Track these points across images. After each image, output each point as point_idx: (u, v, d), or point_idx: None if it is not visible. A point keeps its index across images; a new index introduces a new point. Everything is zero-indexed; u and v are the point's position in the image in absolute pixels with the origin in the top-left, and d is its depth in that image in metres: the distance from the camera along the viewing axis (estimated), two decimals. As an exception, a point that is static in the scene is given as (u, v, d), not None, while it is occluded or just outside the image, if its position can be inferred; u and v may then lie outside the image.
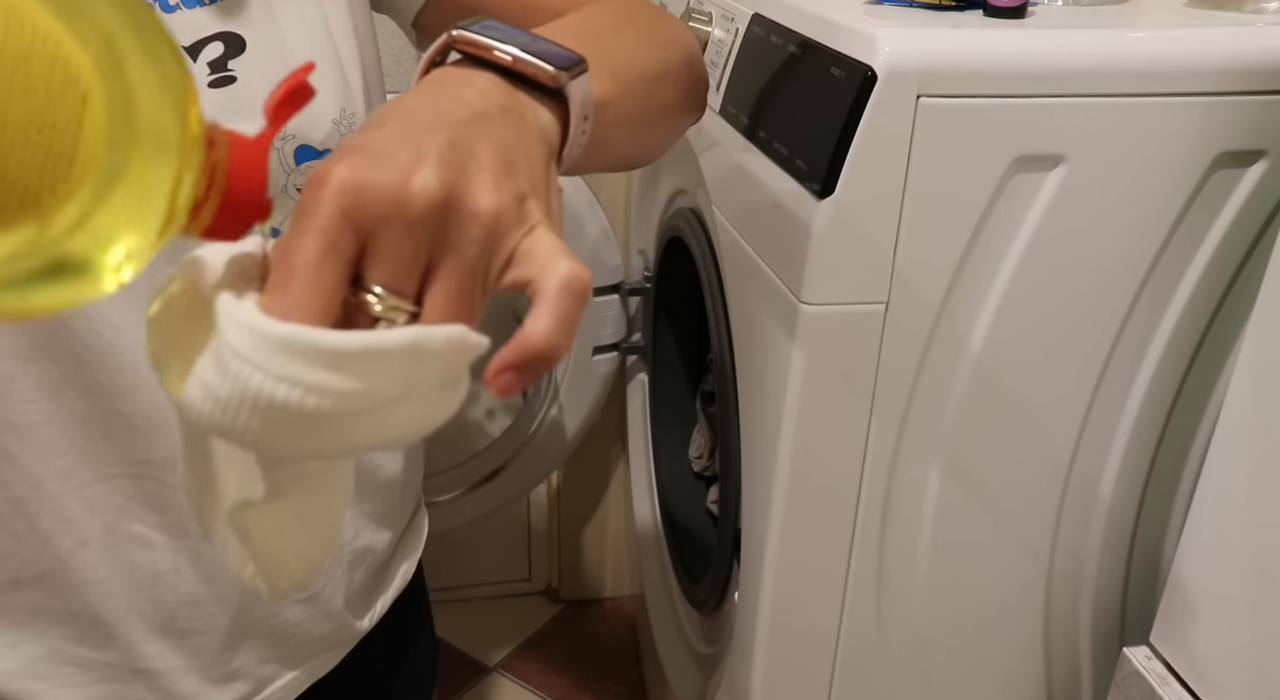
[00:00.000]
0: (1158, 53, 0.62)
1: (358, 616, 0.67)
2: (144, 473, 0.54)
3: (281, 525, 0.34)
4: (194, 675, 0.60)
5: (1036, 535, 0.75)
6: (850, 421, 0.68)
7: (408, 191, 0.30)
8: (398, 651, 0.75)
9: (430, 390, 0.30)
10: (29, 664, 0.57)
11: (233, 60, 0.52)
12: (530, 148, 0.36)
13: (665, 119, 0.56)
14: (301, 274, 0.29)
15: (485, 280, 0.32)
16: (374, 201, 0.30)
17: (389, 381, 0.29)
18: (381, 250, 0.31)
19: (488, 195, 0.32)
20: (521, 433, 1.30)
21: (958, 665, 0.80)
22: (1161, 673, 0.61)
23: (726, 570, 0.89)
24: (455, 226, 0.31)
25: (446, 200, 0.31)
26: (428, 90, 0.36)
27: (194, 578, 0.58)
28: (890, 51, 0.58)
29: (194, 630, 0.59)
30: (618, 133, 0.47)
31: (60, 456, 0.53)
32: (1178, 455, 0.75)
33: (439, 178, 0.31)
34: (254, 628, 0.61)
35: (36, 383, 0.51)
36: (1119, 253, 0.66)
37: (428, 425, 0.31)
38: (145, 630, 0.58)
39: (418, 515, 0.76)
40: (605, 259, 1.21)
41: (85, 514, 0.54)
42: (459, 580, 1.60)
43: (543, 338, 0.31)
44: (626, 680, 1.48)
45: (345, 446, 0.30)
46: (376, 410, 0.29)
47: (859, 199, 0.61)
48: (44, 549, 0.54)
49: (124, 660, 0.58)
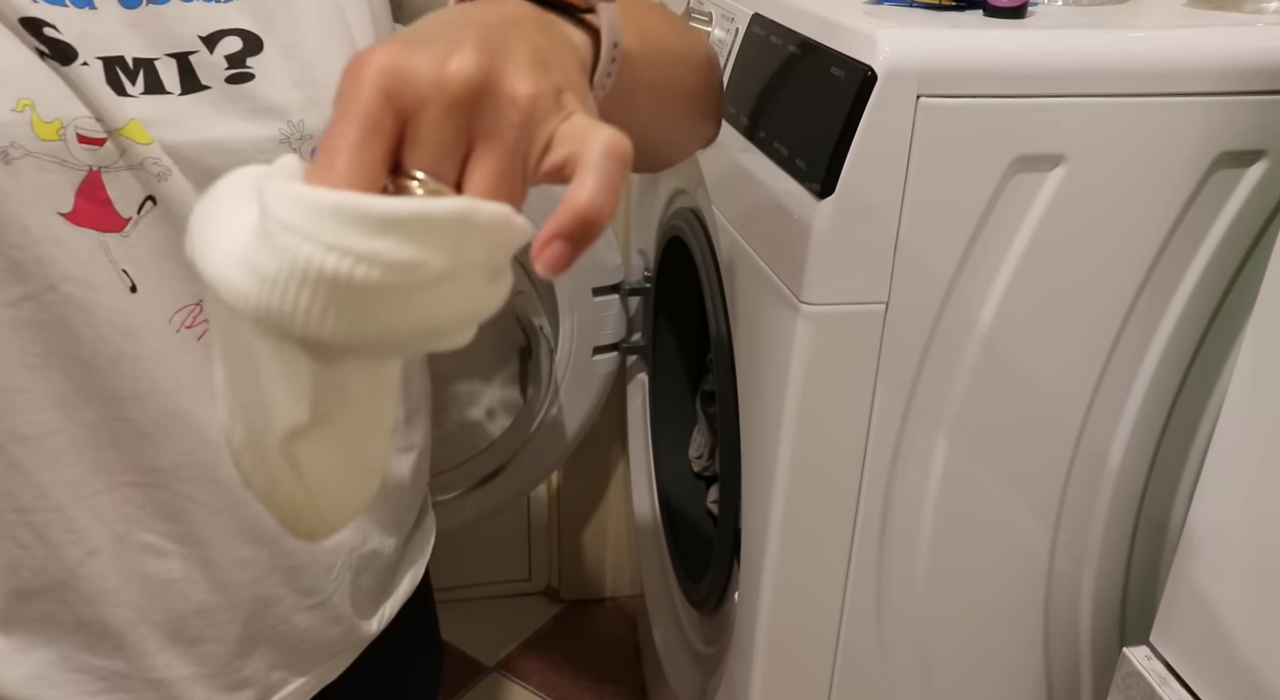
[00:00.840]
0: (1158, 53, 0.62)
1: (366, 620, 0.67)
2: (154, 481, 0.54)
3: (329, 454, 0.33)
4: (204, 683, 0.60)
5: (1036, 535, 0.75)
6: (850, 422, 0.68)
7: (446, 72, 0.31)
8: (406, 658, 0.75)
9: (477, 274, 0.30)
10: (40, 671, 0.56)
11: (251, 58, 0.52)
12: (564, 54, 0.36)
13: (685, 106, 0.56)
14: (345, 153, 0.30)
15: (525, 166, 0.32)
16: (413, 82, 0.31)
17: (438, 253, 0.28)
18: (421, 133, 0.31)
19: (524, 81, 0.32)
20: (521, 433, 1.30)
21: (958, 665, 0.80)
22: (1161, 673, 0.61)
23: (726, 570, 0.89)
24: (493, 111, 0.32)
25: (484, 83, 0.31)
26: (460, 7, 0.37)
27: (205, 586, 0.58)
28: (890, 51, 0.58)
29: (205, 638, 0.59)
30: (642, 94, 0.48)
31: (68, 466, 0.52)
32: (1178, 456, 0.75)
33: (476, 61, 0.31)
34: (264, 634, 0.61)
35: (44, 392, 0.50)
36: (1119, 253, 0.66)
37: (474, 316, 0.31)
38: (156, 639, 0.58)
39: (425, 520, 0.76)
40: (605, 259, 1.21)
41: (94, 523, 0.54)
42: (459, 580, 1.60)
43: (587, 199, 0.31)
44: (626, 680, 1.48)
45: (393, 330, 0.29)
46: (425, 289, 0.29)
47: (859, 199, 0.61)
48: (52, 559, 0.54)
49: (135, 670, 0.58)
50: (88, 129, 0.48)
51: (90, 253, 0.49)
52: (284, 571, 0.59)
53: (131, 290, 0.50)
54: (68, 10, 0.48)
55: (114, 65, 0.49)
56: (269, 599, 0.60)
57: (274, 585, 0.60)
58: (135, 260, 0.50)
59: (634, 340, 1.27)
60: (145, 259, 0.51)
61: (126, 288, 0.50)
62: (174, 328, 0.52)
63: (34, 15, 0.47)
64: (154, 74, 0.50)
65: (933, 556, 0.74)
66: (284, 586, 0.60)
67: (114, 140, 0.49)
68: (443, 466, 1.31)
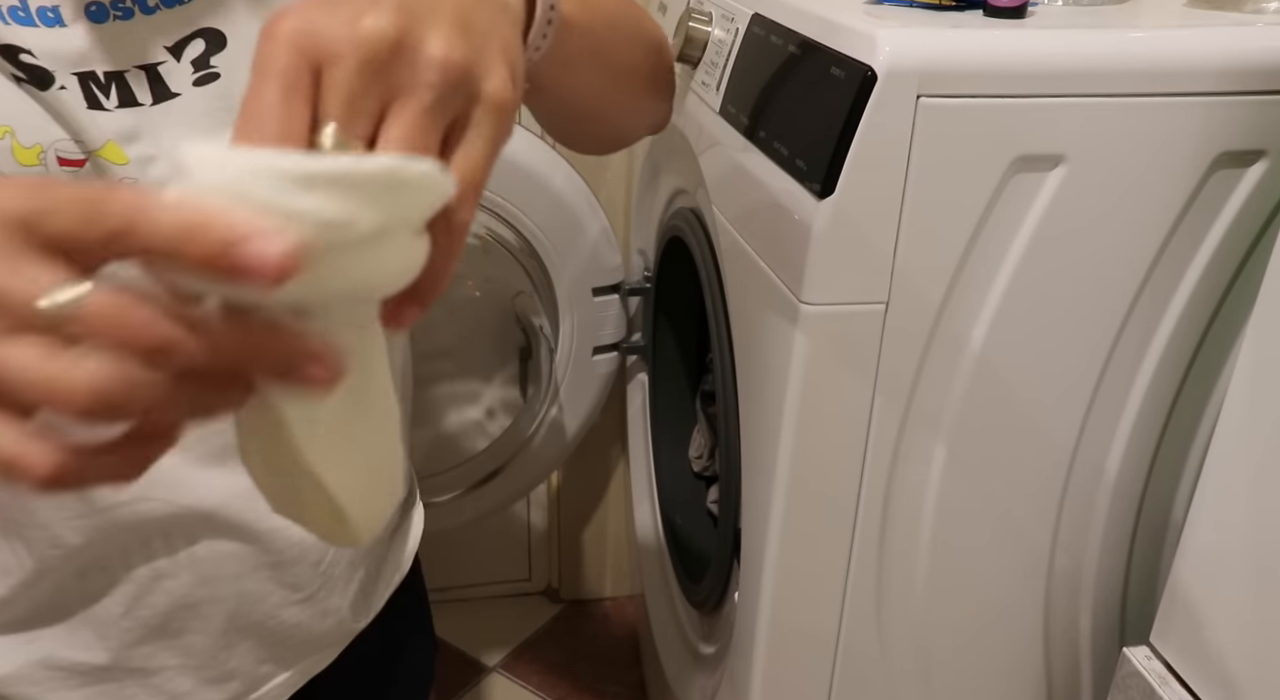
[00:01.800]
0: (1158, 53, 0.62)
1: (355, 613, 0.67)
2: (143, 495, 0.54)
3: (348, 461, 0.34)
4: (189, 674, 0.60)
5: (1036, 535, 0.75)
6: (850, 422, 0.68)
7: (359, 27, 0.31)
8: (394, 648, 0.75)
9: (406, 233, 0.31)
10: (22, 670, 0.56)
11: (215, 56, 0.51)
12: (494, 13, 0.36)
13: (633, 84, 0.57)
14: (266, 116, 0.30)
15: (439, 131, 0.33)
16: (327, 38, 0.31)
17: (368, 210, 0.28)
18: (332, 87, 0.31)
19: (442, 43, 0.32)
20: (521, 433, 1.30)
21: (958, 665, 0.80)
22: (1161, 673, 0.61)
23: (726, 570, 0.89)
24: (409, 69, 0.32)
25: (400, 40, 0.32)
26: None
27: (191, 581, 0.58)
28: (890, 51, 0.58)
29: (189, 630, 0.59)
30: (584, 63, 0.49)
31: None
32: (1178, 455, 0.75)
33: (391, 19, 0.32)
34: (251, 629, 0.61)
35: None
36: (1119, 253, 0.66)
37: (406, 274, 0.31)
38: (140, 632, 0.58)
39: (413, 511, 0.76)
40: (605, 259, 1.21)
41: (82, 542, 0.54)
42: (459, 580, 1.60)
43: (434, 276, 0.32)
44: (626, 680, 1.48)
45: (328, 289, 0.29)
46: (357, 247, 0.29)
47: (859, 199, 0.61)
48: (38, 569, 0.54)
49: (117, 660, 0.58)
50: (67, 151, 0.48)
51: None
52: (271, 567, 0.60)
53: None
54: (39, 30, 0.48)
55: (88, 81, 0.49)
56: (256, 594, 0.60)
57: (260, 581, 0.60)
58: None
59: (634, 340, 1.27)
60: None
61: None
62: None
63: (8, 42, 0.47)
64: (125, 86, 0.50)
65: (933, 556, 0.74)
66: (271, 582, 0.60)
67: (93, 161, 0.49)
68: (442, 466, 1.31)
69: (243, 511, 0.57)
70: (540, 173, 1.16)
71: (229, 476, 0.56)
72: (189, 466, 0.55)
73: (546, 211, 1.17)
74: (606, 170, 1.32)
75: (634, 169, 1.23)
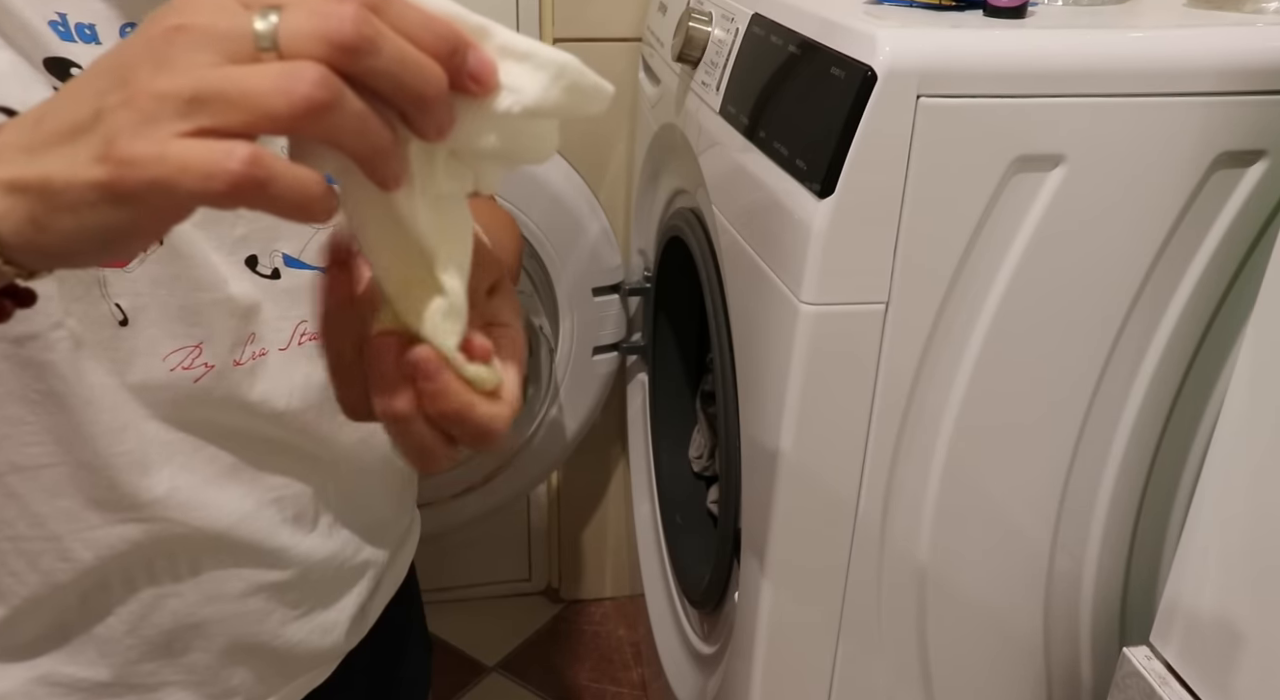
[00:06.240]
0: (1158, 53, 0.62)
1: (355, 628, 0.67)
2: (151, 514, 0.54)
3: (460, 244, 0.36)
4: (190, 691, 0.60)
5: (1036, 535, 0.75)
6: (850, 421, 0.68)
7: None
8: (391, 653, 0.75)
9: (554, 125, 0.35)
10: (23, 685, 0.56)
11: None
12: None
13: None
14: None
15: None
16: None
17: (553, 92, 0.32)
18: None
19: None
20: (521, 433, 1.30)
21: (958, 665, 0.80)
22: (1161, 673, 0.61)
23: (726, 570, 0.89)
24: None
25: None
26: None
27: (195, 600, 0.58)
28: (890, 51, 0.58)
29: (193, 649, 0.59)
30: None
31: (65, 498, 0.52)
32: (1178, 455, 0.75)
33: None
34: (254, 647, 0.61)
35: (44, 427, 0.50)
36: (1119, 253, 0.66)
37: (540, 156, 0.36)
38: (143, 649, 0.58)
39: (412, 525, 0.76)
40: (605, 259, 1.21)
41: (89, 555, 0.54)
42: (459, 580, 1.60)
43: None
44: (626, 680, 1.49)
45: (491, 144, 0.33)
46: (530, 120, 0.33)
47: (859, 199, 0.61)
48: (43, 585, 0.54)
49: (119, 677, 0.58)
50: None
51: (85, 287, 0.49)
52: (275, 586, 0.60)
53: (122, 324, 0.50)
54: (78, 46, 0.48)
55: None
56: (259, 613, 0.60)
57: (264, 599, 0.60)
58: (133, 295, 0.50)
59: (634, 340, 1.27)
60: (146, 294, 0.51)
61: (117, 321, 0.50)
62: (168, 366, 0.52)
63: (60, 55, 0.47)
64: None
65: (932, 555, 0.74)
66: (274, 600, 0.60)
67: None
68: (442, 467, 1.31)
69: (254, 531, 0.57)
70: (540, 173, 1.16)
71: (243, 496, 0.56)
72: (204, 486, 0.55)
73: (546, 211, 1.17)
74: (606, 170, 1.32)
75: (634, 169, 1.23)
